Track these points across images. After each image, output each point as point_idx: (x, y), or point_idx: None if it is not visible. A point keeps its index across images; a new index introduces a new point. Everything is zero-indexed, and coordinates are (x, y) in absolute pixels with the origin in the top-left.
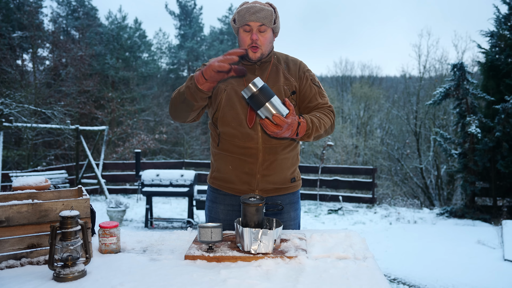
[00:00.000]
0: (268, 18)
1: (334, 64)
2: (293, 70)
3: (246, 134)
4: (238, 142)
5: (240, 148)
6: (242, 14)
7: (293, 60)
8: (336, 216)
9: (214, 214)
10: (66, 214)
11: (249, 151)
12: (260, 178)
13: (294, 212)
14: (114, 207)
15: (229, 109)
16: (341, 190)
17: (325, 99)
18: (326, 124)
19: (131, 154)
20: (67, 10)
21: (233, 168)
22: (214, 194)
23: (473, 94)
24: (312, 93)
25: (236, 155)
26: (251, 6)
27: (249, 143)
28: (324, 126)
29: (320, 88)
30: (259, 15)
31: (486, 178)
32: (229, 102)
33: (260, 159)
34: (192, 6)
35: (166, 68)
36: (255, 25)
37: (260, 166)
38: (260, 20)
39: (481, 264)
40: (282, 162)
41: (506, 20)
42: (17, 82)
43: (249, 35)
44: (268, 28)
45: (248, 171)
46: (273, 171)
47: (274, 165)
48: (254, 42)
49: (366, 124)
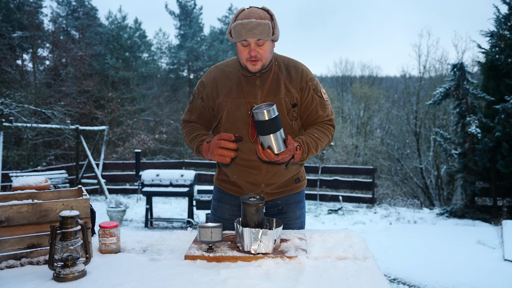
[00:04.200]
0: (265, 32)
1: (334, 64)
2: (294, 79)
3: (248, 149)
4: (241, 155)
5: (243, 160)
6: (238, 31)
7: (295, 67)
8: (336, 216)
9: (219, 214)
10: (66, 214)
11: (252, 164)
12: (265, 187)
13: (299, 211)
14: (114, 207)
15: (230, 125)
16: (341, 190)
17: (326, 110)
18: (323, 142)
19: (131, 154)
20: (67, 10)
21: (238, 177)
22: (220, 194)
23: (473, 94)
24: (313, 105)
25: (240, 166)
26: (247, 22)
27: (252, 156)
28: (320, 146)
29: (322, 98)
30: (255, 31)
31: (486, 178)
32: (229, 118)
33: (263, 171)
34: (192, 6)
35: (166, 68)
36: (252, 40)
37: (264, 176)
38: (257, 36)
39: (481, 264)
40: (286, 170)
41: (506, 20)
42: (17, 82)
43: (247, 49)
44: (267, 41)
45: (252, 181)
46: (277, 180)
47: (278, 175)
48: (253, 57)
49: (366, 124)
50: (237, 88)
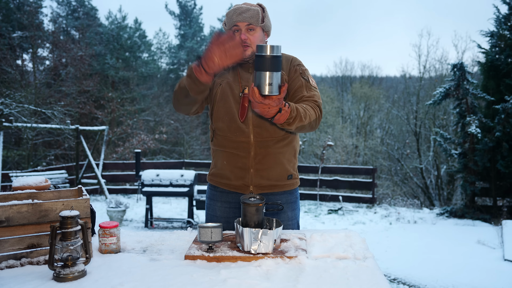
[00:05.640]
0: (254, 17)
1: (334, 64)
2: (285, 65)
3: (237, 128)
4: (231, 136)
5: (232, 142)
6: (230, 16)
7: (286, 57)
8: (336, 216)
9: (211, 212)
10: (66, 214)
11: (241, 145)
12: (254, 173)
13: (292, 212)
14: (114, 207)
15: (223, 104)
16: (341, 190)
17: (311, 92)
18: (311, 116)
19: (131, 154)
20: (67, 10)
21: (227, 163)
22: (211, 191)
23: (473, 94)
24: (298, 85)
25: (229, 149)
26: (238, 7)
27: (241, 137)
28: (309, 118)
29: (308, 82)
30: (245, 15)
31: (486, 178)
32: (223, 96)
33: (252, 153)
34: (192, 6)
35: (166, 68)
36: (243, 25)
37: (252, 160)
38: (246, 20)
39: (481, 264)
40: (276, 156)
41: (506, 20)
42: (17, 82)
43: (238, 34)
44: (257, 27)
45: (241, 166)
46: (267, 166)
47: (267, 159)
48: (244, 42)
49: (366, 124)
50: (233, 72)
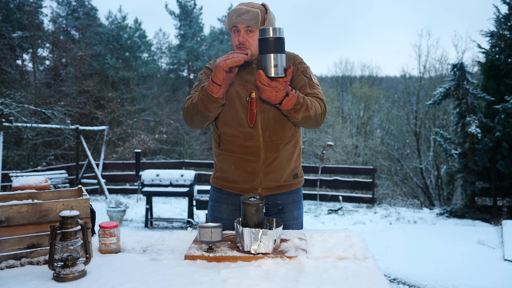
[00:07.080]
0: (253, 20)
1: (334, 64)
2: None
3: (247, 134)
4: (240, 141)
5: (241, 147)
6: (230, 16)
7: (288, 55)
8: (336, 216)
9: (217, 214)
10: (66, 214)
11: (251, 150)
12: (263, 177)
13: (297, 211)
14: (114, 207)
15: (229, 109)
16: (341, 190)
17: (314, 90)
18: (317, 109)
19: (131, 154)
20: (67, 10)
21: (236, 167)
22: (217, 193)
23: (473, 94)
24: (301, 83)
25: (238, 154)
26: (238, 8)
27: (251, 142)
28: (315, 109)
29: (311, 80)
30: (244, 17)
31: (486, 178)
32: (229, 102)
33: (262, 157)
34: (192, 6)
35: (166, 68)
36: (242, 26)
37: (262, 164)
38: (245, 22)
39: (481, 264)
40: (284, 158)
41: (506, 20)
42: (17, 82)
43: (237, 35)
44: (256, 29)
45: (250, 170)
46: (276, 169)
47: (277, 162)
48: (242, 43)
49: (366, 124)
50: (237, 75)
